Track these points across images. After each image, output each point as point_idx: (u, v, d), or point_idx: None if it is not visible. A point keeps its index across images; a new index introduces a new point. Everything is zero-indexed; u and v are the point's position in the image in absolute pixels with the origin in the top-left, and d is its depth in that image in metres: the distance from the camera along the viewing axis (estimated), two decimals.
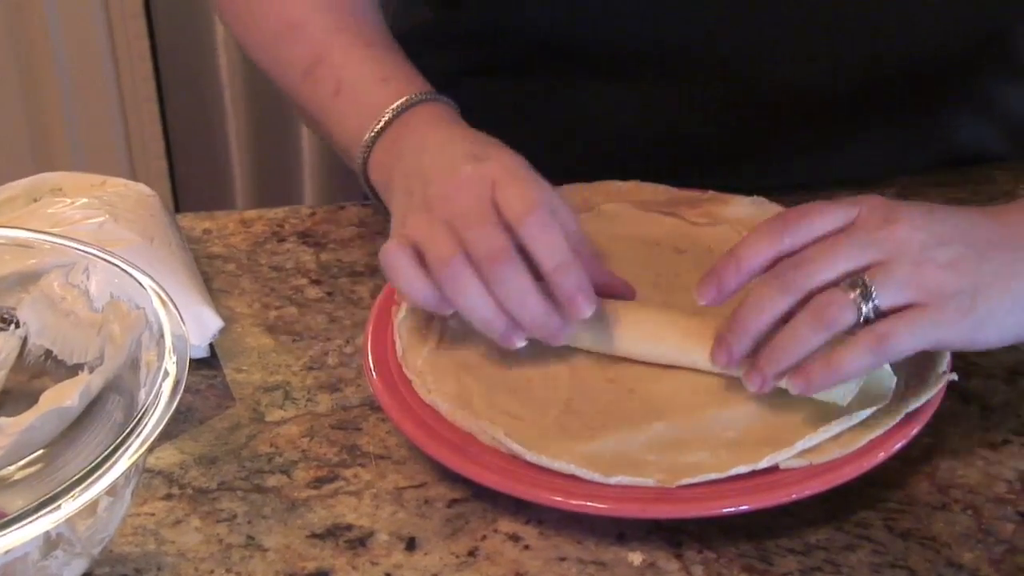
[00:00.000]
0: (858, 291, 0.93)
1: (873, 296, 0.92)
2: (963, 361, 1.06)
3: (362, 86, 1.18)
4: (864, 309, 0.93)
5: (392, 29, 1.38)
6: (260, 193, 2.64)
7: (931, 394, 0.98)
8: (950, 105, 1.45)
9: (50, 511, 0.74)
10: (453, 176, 1.04)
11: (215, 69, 2.53)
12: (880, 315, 0.93)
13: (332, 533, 0.95)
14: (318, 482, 0.99)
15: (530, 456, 0.96)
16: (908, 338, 0.92)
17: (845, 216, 0.97)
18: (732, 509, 0.92)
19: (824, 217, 0.98)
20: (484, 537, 0.94)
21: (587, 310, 0.98)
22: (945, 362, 1.01)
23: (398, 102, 1.13)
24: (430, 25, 1.52)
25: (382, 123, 1.12)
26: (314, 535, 0.95)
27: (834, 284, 0.95)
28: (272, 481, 1.00)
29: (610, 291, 1.06)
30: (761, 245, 0.98)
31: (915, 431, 0.97)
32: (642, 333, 1.04)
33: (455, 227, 1.00)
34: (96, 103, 2.54)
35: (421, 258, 1.01)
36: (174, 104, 2.58)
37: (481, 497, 0.97)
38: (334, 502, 0.98)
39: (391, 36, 1.27)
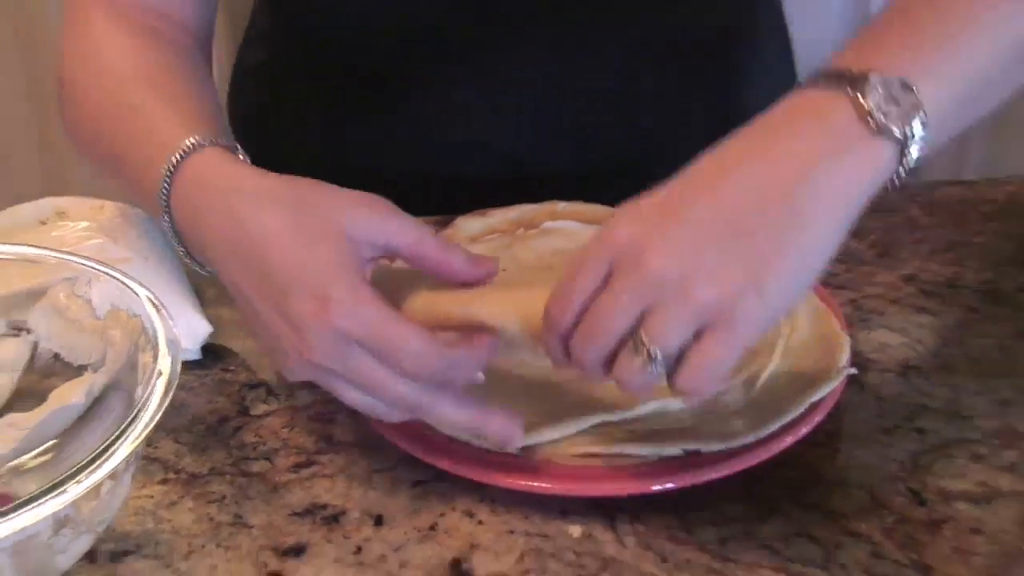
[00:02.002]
0: (643, 355, 0.84)
1: (655, 354, 0.84)
2: (860, 358, 1.09)
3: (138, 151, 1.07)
4: (656, 368, 0.85)
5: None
6: None
7: (833, 386, 1.01)
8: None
9: (58, 494, 0.76)
10: (292, 314, 0.91)
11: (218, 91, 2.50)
12: (679, 355, 0.85)
13: (310, 511, 0.97)
14: (297, 467, 1.02)
15: (476, 443, 0.99)
16: (724, 360, 0.85)
17: (599, 271, 0.87)
18: (660, 488, 0.94)
19: (584, 283, 0.88)
20: (443, 514, 0.96)
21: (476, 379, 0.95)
22: (845, 358, 1.03)
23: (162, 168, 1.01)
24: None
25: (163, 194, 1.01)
26: (294, 513, 0.97)
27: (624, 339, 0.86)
28: (256, 467, 1.02)
29: (473, 277, 0.97)
30: (549, 334, 0.90)
31: (818, 419, 0.99)
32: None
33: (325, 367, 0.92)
34: None
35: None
36: None
37: (440, 479, 0.99)
38: (311, 484, 1.00)
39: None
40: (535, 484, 0.96)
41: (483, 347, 0.94)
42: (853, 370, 1.04)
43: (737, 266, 0.84)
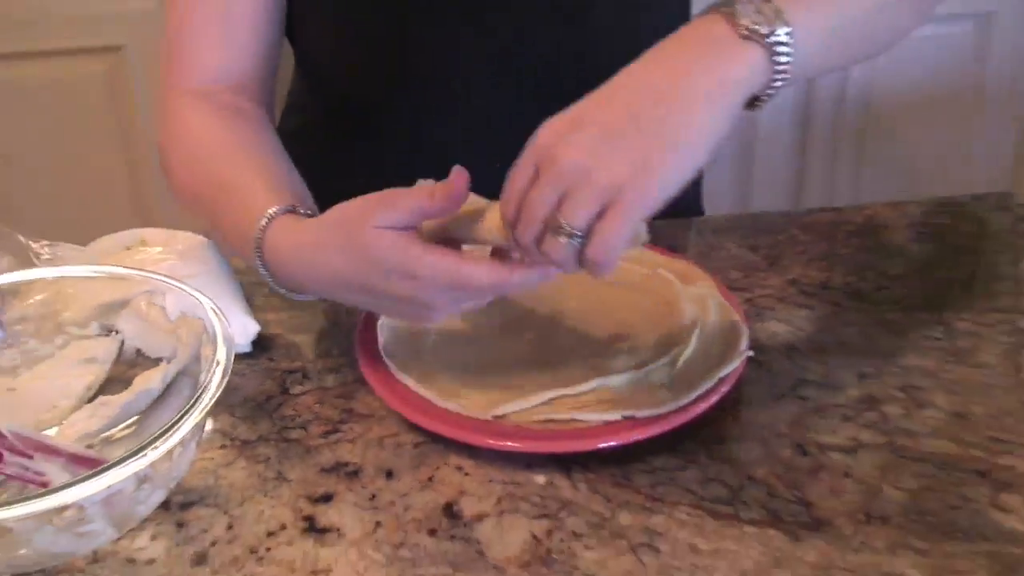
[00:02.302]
0: (562, 233, 0.85)
1: (571, 230, 0.85)
2: (756, 343, 1.08)
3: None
4: (574, 242, 0.85)
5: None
6: None
7: (735, 365, 1.01)
8: None
9: (139, 458, 0.76)
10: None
11: None
12: (590, 228, 0.85)
13: (335, 468, 0.97)
14: (326, 434, 1.01)
15: (451, 406, 0.99)
16: (620, 231, 0.84)
17: (528, 172, 0.87)
18: (604, 445, 0.94)
19: (519, 183, 0.88)
20: (438, 468, 0.96)
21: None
22: (745, 343, 1.03)
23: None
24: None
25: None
26: (323, 470, 0.96)
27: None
28: (294, 434, 1.01)
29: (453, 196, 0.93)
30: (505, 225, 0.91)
31: (725, 390, 0.99)
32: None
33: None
34: None
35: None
36: None
37: (436, 442, 0.99)
38: (337, 447, 0.99)
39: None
40: (508, 444, 0.95)
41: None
42: (751, 352, 1.04)
43: (629, 154, 0.83)
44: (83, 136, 2.45)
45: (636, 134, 0.84)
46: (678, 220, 1.36)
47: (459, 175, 0.91)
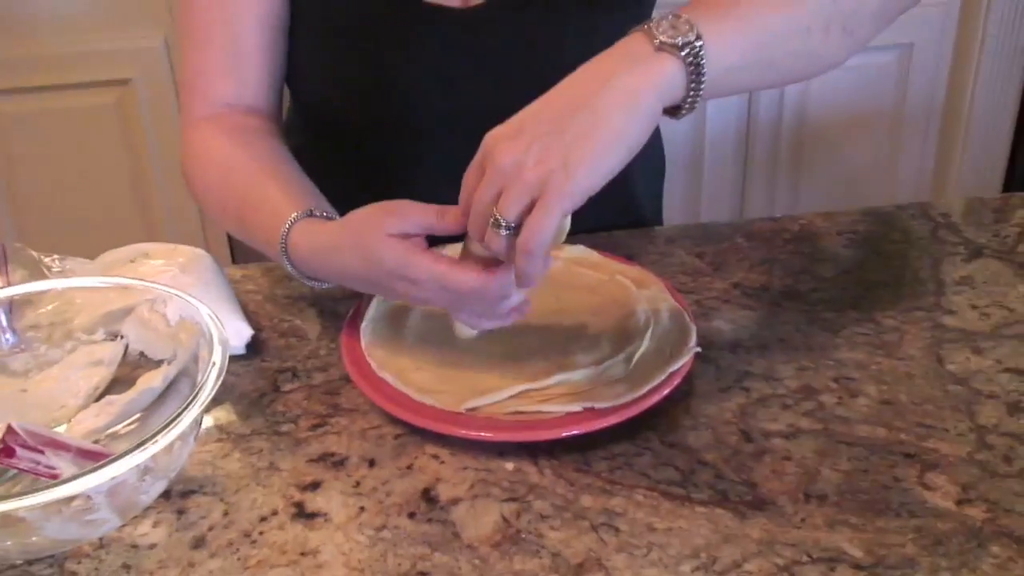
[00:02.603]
0: (496, 226, 0.87)
1: (503, 222, 0.87)
2: (704, 340, 1.07)
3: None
4: (505, 232, 0.87)
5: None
6: None
7: (685, 360, 1.00)
8: None
9: (142, 451, 0.75)
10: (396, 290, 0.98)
11: None
12: (520, 221, 0.87)
13: (323, 458, 0.96)
14: (314, 427, 1.00)
15: (428, 401, 0.99)
16: (544, 222, 0.85)
17: (477, 174, 0.90)
18: (567, 434, 0.93)
19: (469, 183, 0.91)
20: (416, 457, 0.95)
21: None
22: (693, 340, 1.03)
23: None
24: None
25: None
26: (311, 460, 0.95)
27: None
28: (285, 428, 1.00)
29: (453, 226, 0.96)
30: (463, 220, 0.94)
31: (676, 382, 0.98)
32: None
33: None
34: (178, 191, 2.52)
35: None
36: None
37: (415, 433, 0.98)
38: (324, 439, 0.98)
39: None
40: (481, 434, 0.95)
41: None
42: (699, 349, 1.03)
43: (554, 155, 0.85)
44: (94, 161, 2.46)
45: (560, 136, 0.85)
46: (634, 231, 1.35)
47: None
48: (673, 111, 0.91)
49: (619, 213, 1.40)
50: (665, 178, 1.59)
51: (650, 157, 1.49)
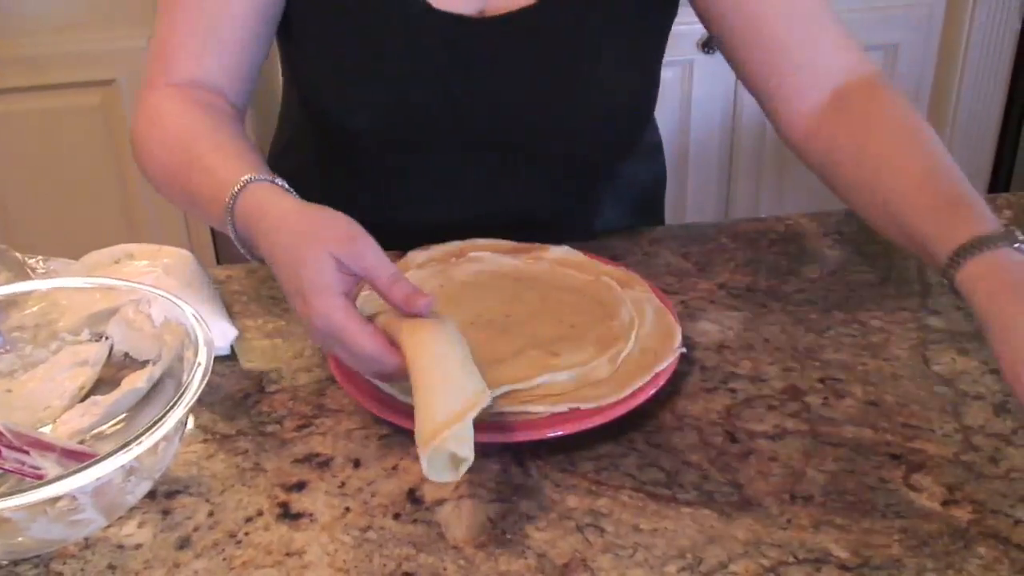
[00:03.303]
0: None
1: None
2: (689, 341, 1.08)
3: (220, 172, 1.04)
4: None
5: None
6: None
7: (670, 361, 1.00)
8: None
9: (127, 451, 0.75)
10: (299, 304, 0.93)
11: None
12: None
13: (308, 459, 0.95)
14: (299, 428, 1.00)
15: (412, 401, 0.96)
16: None
17: None
18: (552, 434, 0.93)
19: None
20: (402, 458, 0.95)
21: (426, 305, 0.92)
22: (678, 341, 1.03)
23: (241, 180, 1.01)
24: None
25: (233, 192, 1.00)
26: (296, 461, 0.95)
27: None
28: (270, 428, 1.00)
29: (408, 310, 0.92)
30: None
31: (661, 383, 0.99)
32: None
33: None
34: None
35: None
36: None
37: (400, 434, 0.97)
38: (309, 440, 0.98)
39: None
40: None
41: (397, 360, 0.91)
42: (684, 349, 1.03)
43: None
44: (78, 162, 2.46)
45: None
46: (620, 232, 1.35)
47: (425, 304, 0.91)
48: None
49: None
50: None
51: (651, 164, 1.49)
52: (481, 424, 0.94)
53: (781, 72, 1.18)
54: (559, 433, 0.93)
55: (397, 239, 1.19)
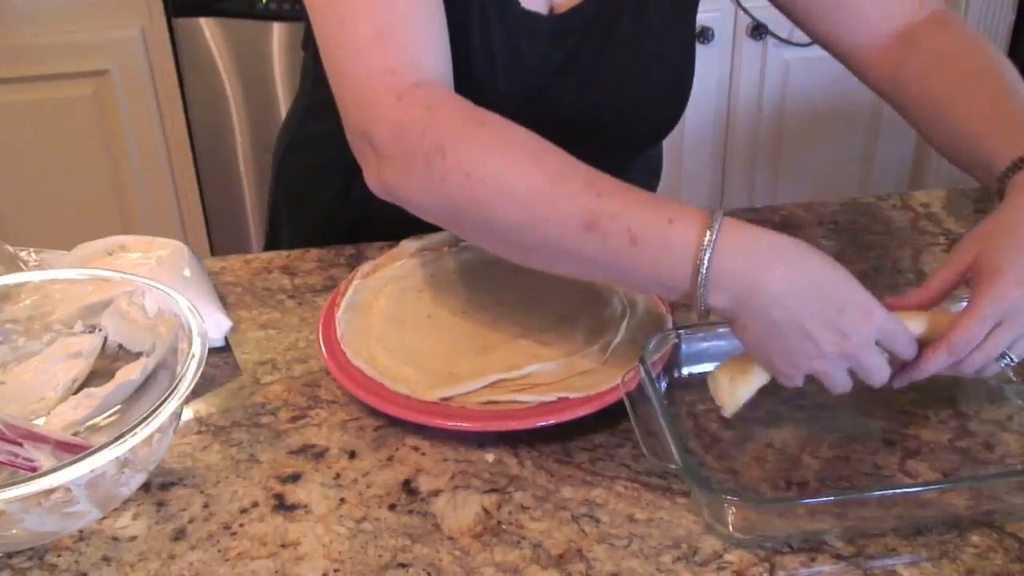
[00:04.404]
0: (1004, 359, 0.90)
1: (1011, 359, 0.90)
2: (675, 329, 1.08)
3: (656, 232, 0.87)
4: (1004, 363, 0.90)
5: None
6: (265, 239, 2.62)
7: (662, 351, 1.00)
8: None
9: (121, 443, 0.76)
10: (847, 340, 0.86)
11: (235, 158, 2.50)
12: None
13: (303, 450, 0.95)
14: (294, 419, 1.00)
15: (401, 389, 0.98)
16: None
17: (991, 321, 0.88)
18: (543, 424, 0.93)
19: (981, 330, 0.88)
20: (397, 448, 0.95)
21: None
22: (669, 328, 1.04)
23: (705, 239, 0.85)
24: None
25: (706, 262, 0.85)
26: (291, 452, 0.95)
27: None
28: (265, 420, 1.00)
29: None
30: (949, 353, 0.89)
31: (656, 371, 0.97)
32: None
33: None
34: (156, 183, 2.52)
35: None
36: (207, 180, 2.56)
37: (394, 424, 0.98)
38: (304, 431, 0.98)
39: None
40: (460, 424, 0.95)
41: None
42: (676, 339, 1.02)
43: None
44: (70, 153, 2.46)
45: None
46: None
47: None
48: None
49: None
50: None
51: (648, 158, 1.49)
52: (472, 413, 0.95)
53: (851, 21, 1.22)
54: (550, 422, 0.94)
55: (392, 231, 1.19)
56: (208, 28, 2.38)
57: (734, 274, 0.85)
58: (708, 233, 0.85)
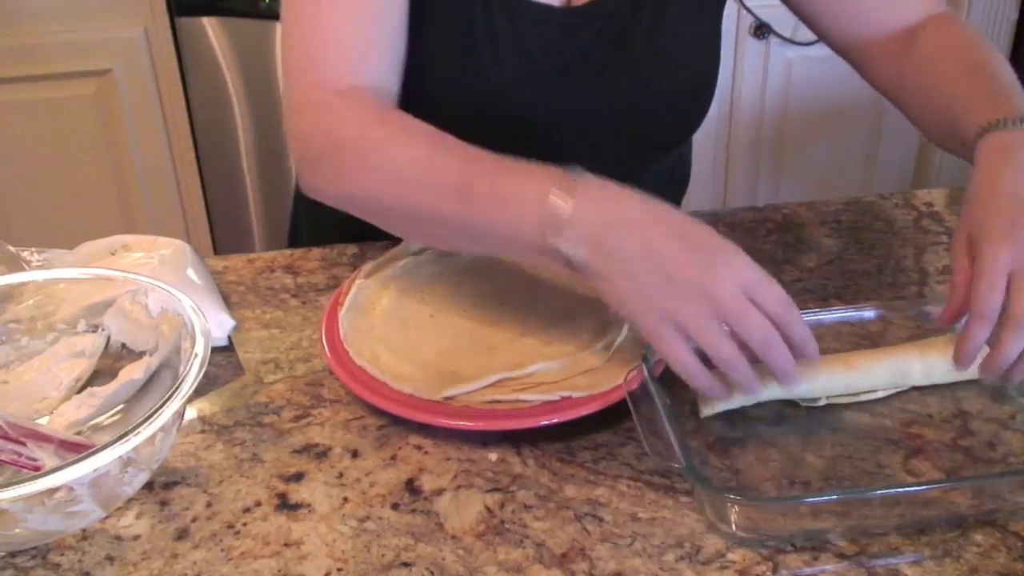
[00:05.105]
0: None
1: None
2: None
3: (516, 186, 0.92)
4: None
5: None
6: (269, 238, 2.62)
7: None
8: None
9: (124, 443, 0.75)
10: (705, 273, 0.86)
11: (238, 157, 2.51)
12: None
13: (306, 449, 0.96)
14: (297, 418, 1.00)
15: (405, 388, 0.98)
16: None
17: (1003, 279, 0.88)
18: (546, 422, 0.93)
19: (998, 294, 0.88)
20: (400, 448, 0.95)
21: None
22: None
23: (559, 188, 0.89)
24: None
25: (561, 206, 0.88)
26: (294, 451, 0.95)
27: None
28: (268, 419, 1.00)
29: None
30: (980, 323, 0.89)
31: (657, 371, 0.97)
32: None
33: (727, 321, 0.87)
34: (159, 182, 2.52)
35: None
36: (210, 179, 2.56)
37: (397, 424, 0.98)
38: (307, 430, 0.98)
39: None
40: (463, 424, 0.95)
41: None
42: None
43: None
44: (73, 152, 2.46)
45: None
46: None
47: None
48: None
49: None
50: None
51: (672, 169, 1.49)
52: (475, 412, 0.95)
53: (855, 14, 1.24)
54: (553, 421, 0.94)
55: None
56: (211, 27, 2.39)
57: (590, 219, 0.89)
58: (562, 182, 0.90)
